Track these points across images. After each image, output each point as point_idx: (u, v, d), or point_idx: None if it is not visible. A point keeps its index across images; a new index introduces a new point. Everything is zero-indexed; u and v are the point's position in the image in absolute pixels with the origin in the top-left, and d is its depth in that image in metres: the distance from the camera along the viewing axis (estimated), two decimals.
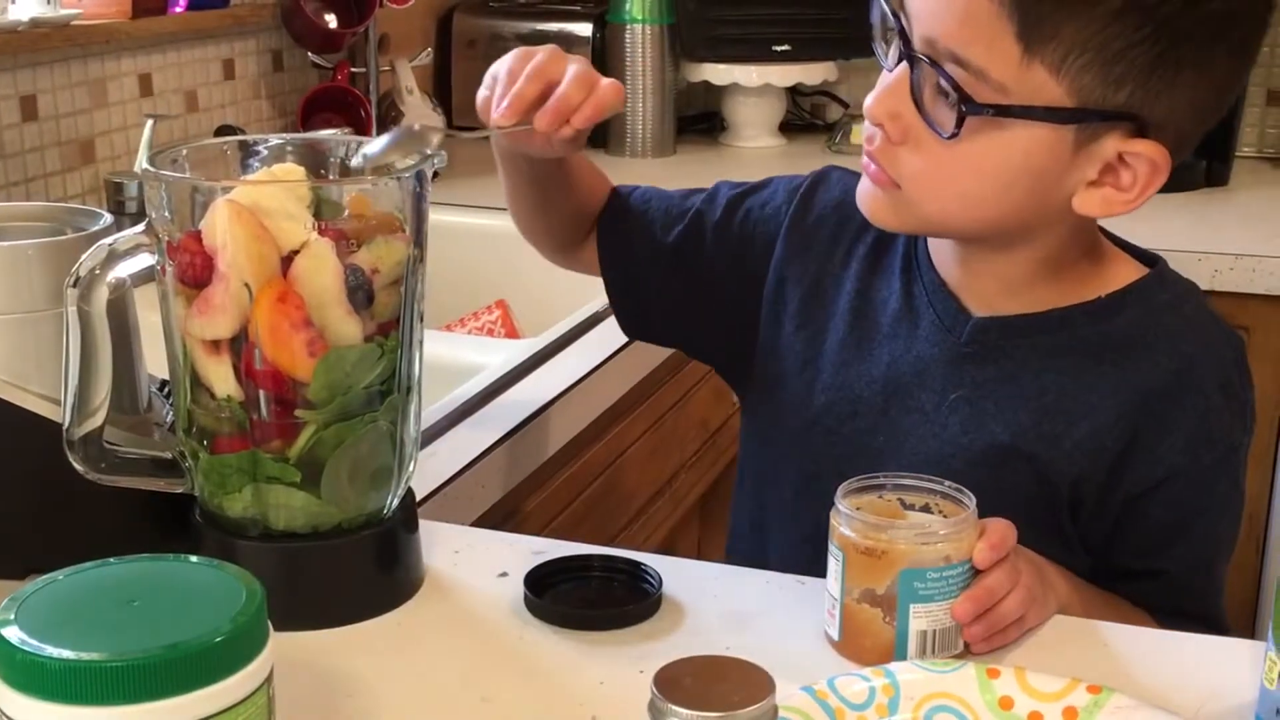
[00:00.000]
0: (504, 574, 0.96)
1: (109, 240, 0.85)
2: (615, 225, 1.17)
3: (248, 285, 0.83)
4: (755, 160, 2.59)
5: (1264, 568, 1.99)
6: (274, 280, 0.83)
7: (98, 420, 0.86)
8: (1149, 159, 0.90)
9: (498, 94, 0.99)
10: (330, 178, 0.93)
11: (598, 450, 1.50)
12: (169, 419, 0.95)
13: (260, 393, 0.86)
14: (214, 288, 0.84)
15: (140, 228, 0.86)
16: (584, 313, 1.62)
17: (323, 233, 0.84)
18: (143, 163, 0.86)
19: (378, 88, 2.24)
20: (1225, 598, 1.06)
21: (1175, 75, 0.87)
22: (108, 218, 0.95)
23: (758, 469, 1.15)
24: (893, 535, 0.83)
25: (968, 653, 0.86)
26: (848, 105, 2.73)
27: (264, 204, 0.83)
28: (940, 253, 1.04)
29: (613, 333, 1.56)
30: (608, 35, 2.50)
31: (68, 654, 0.60)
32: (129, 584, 0.66)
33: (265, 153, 0.93)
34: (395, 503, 0.92)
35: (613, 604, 0.93)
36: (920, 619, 0.84)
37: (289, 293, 0.83)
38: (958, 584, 0.84)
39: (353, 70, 2.22)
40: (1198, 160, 2.24)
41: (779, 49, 2.56)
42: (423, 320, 0.91)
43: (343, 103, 2.18)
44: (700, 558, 1.04)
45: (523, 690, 0.83)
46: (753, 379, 1.14)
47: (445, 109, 2.44)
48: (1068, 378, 0.99)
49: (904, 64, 0.92)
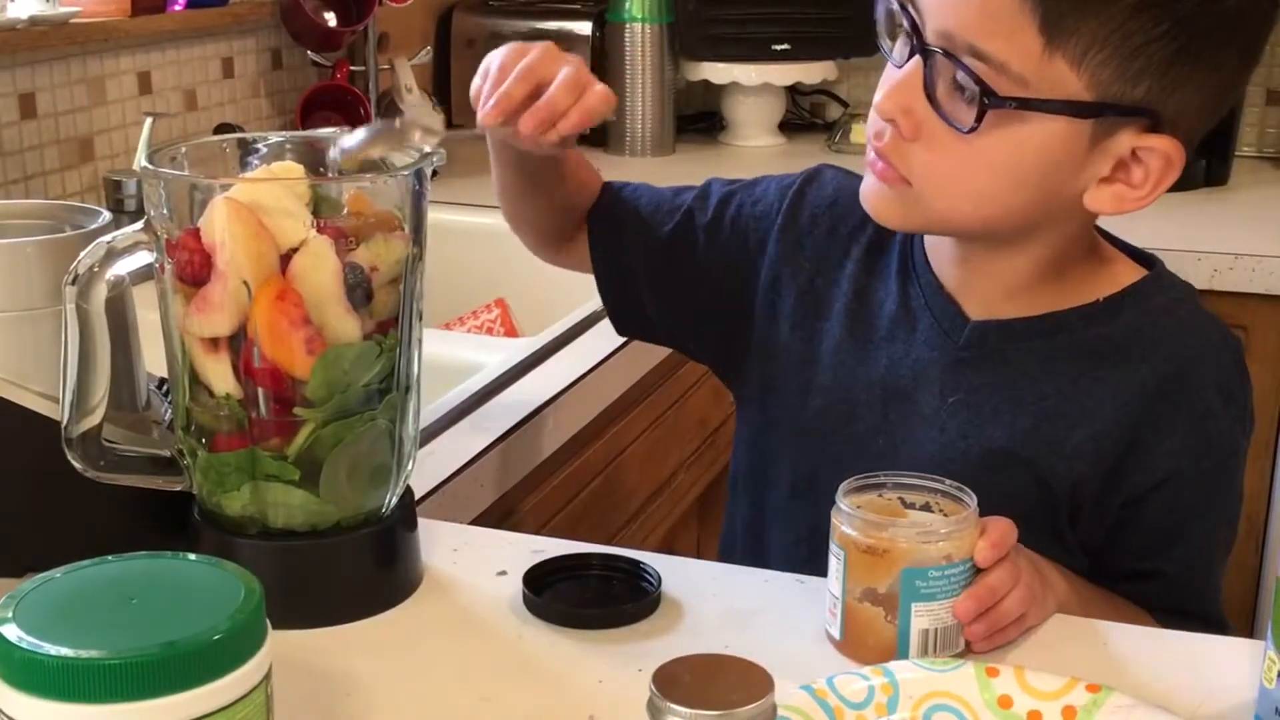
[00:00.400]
0: (503, 572, 0.96)
1: (108, 238, 0.85)
2: (606, 221, 1.16)
3: (246, 283, 0.83)
4: (755, 159, 2.58)
5: (1263, 567, 1.99)
6: (273, 278, 0.83)
7: (96, 418, 0.86)
8: (1163, 154, 0.90)
9: (485, 90, 0.97)
10: (329, 176, 0.93)
11: (596, 449, 1.50)
12: (167, 417, 0.95)
13: (259, 391, 0.85)
14: (213, 285, 0.84)
15: (139, 225, 0.86)
16: (583, 312, 1.61)
17: (322, 231, 0.84)
18: (142, 160, 0.86)
19: (377, 86, 2.24)
20: (1224, 596, 1.06)
21: (1190, 71, 0.88)
22: (106, 215, 0.95)
23: (753, 469, 1.14)
24: (894, 534, 0.83)
25: (969, 651, 0.86)
26: (847, 104, 2.73)
27: (263, 202, 0.83)
28: (938, 254, 1.04)
29: (611, 332, 1.56)
30: (607, 34, 2.50)
31: (66, 652, 0.60)
32: (127, 582, 0.66)
33: (264, 151, 0.93)
34: (394, 501, 0.92)
35: (612, 603, 0.92)
36: (922, 618, 0.83)
37: (288, 290, 0.83)
38: (959, 583, 0.84)
39: (352, 69, 2.22)
40: (1197, 159, 2.24)
41: (778, 48, 2.56)
42: (421, 319, 0.91)
43: (342, 101, 2.17)
44: (699, 557, 1.04)
45: (521, 689, 0.83)
46: (748, 379, 1.13)
47: (445, 108, 2.43)
48: (1066, 381, 0.99)
49: (915, 59, 0.91)
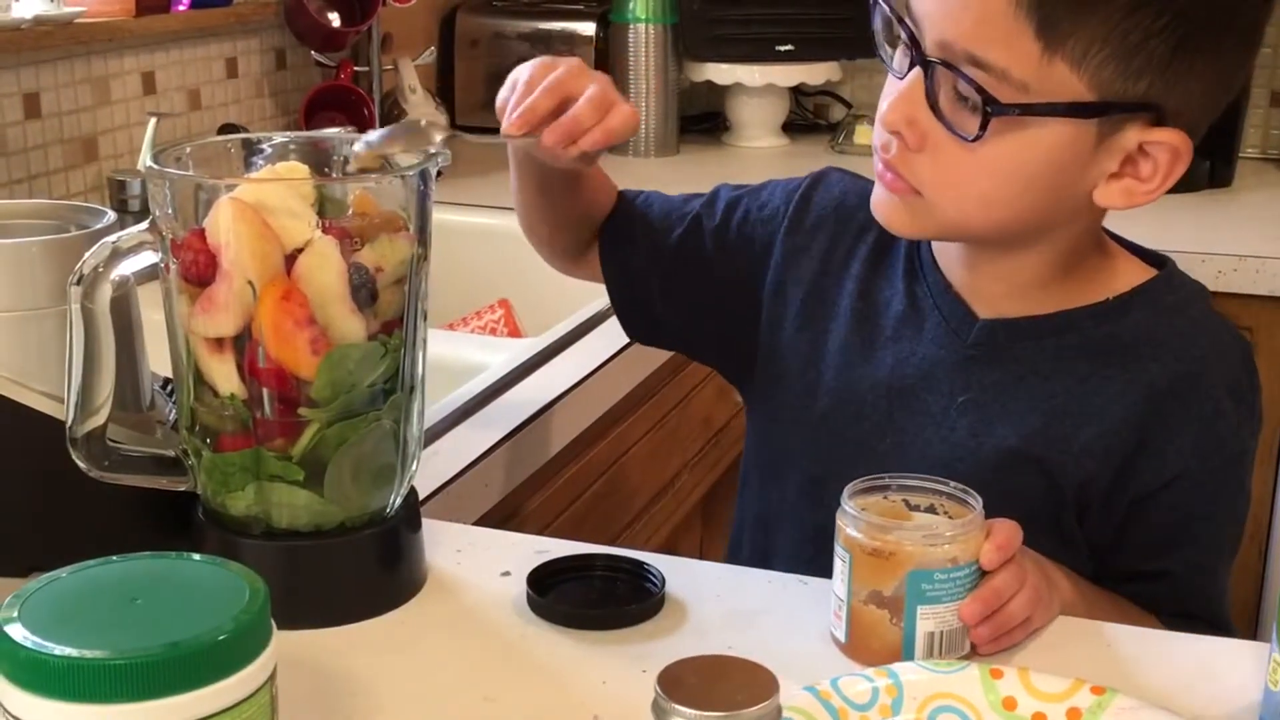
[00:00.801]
0: (507, 573, 0.96)
1: (112, 238, 0.85)
2: (618, 229, 1.17)
3: (251, 283, 0.83)
4: (758, 160, 2.58)
5: (1267, 570, 1.98)
6: (278, 278, 0.83)
7: (101, 418, 0.86)
8: (1170, 146, 0.91)
9: (512, 102, 0.98)
10: (334, 176, 0.93)
11: (600, 449, 1.50)
12: (172, 417, 0.95)
13: (263, 391, 0.85)
14: (217, 286, 0.84)
15: (144, 225, 0.86)
16: (587, 312, 1.62)
17: (327, 231, 0.84)
18: (146, 160, 0.86)
19: (381, 86, 2.24)
20: (1230, 599, 1.05)
21: (1191, 63, 0.88)
22: (111, 215, 0.95)
23: (761, 468, 1.15)
24: (900, 536, 0.83)
25: (974, 654, 0.86)
26: (851, 105, 2.73)
27: (268, 202, 0.83)
28: (945, 254, 1.04)
29: (616, 332, 1.56)
30: (611, 34, 2.50)
31: (71, 652, 0.60)
32: (132, 582, 0.66)
33: (269, 151, 0.93)
34: (398, 501, 0.92)
35: (615, 603, 0.92)
36: (927, 620, 0.83)
37: (293, 291, 0.83)
38: (965, 585, 0.84)
39: (356, 69, 2.22)
40: (1201, 161, 2.24)
41: (782, 49, 2.56)
42: (426, 319, 0.91)
43: (346, 101, 2.18)
44: (703, 557, 1.04)
45: (525, 690, 0.83)
46: (755, 380, 1.14)
47: (448, 108, 2.43)
48: (1075, 380, 0.99)
49: (916, 70, 0.91)
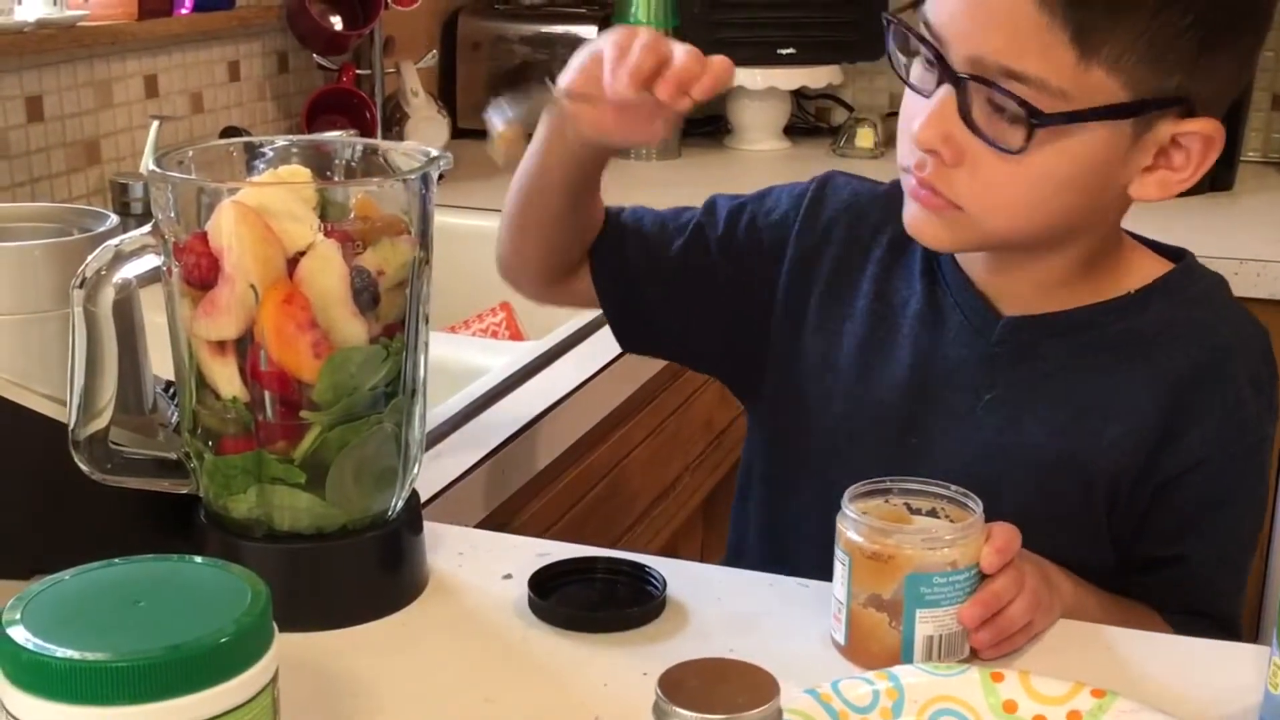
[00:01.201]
0: (508, 576, 0.96)
1: (115, 241, 0.85)
2: (610, 244, 1.15)
3: (253, 286, 0.83)
4: (760, 163, 2.58)
5: (1268, 572, 1.98)
6: (280, 281, 0.83)
7: (103, 421, 0.87)
8: (1202, 135, 0.92)
9: (610, 67, 0.95)
10: (336, 180, 0.93)
11: (602, 452, 1.50)
12: (174, 420, 0.95)
13: (265, 394, 0.86)
14: (220, 289, 0.84)
15: (146, 229, 0.86)
16: (588, 315, 1.61)
17: (329, 234, 0.84)
18: (149, 164, 0.86)
19: (383, 90, 2.24)
20: (1244, 599, 1.06)
21: (1216, 54, 0.90)
22: (113, 219, 0.95)
23: (770, 476, 1.14)
24: (899, 540, 0.83)
25: (975, 658, 0.86)
26: (852, 109, 2.73)
27: (270, 205, 0.83)
28: (967, 254, 1.04)
29: None
30: None
31: (73, 654, 0.60)
32: (134, 584, 0.66)
33: (271, 154, 0.93)
34: (400, 504, 0.92)
35: (617, 606, 0.93)
36: (926, 624, 0.83)
37: (295, 294, 0.83)
38: (964, 589, 0.84)
39: (358, 72, 2.22)
40: None
41: (784, 52, 2.56)
42: (428, 322, 0.91)
43: (348, 105, 2.18)
44: (704, 560, 1.04)
45: (526, 692, 0.83)
46: (764, 388, 1.13)
47: (450, 111, 2.44)
48: (1101, 374, 1.00)
49: (945, 86, 0.91)
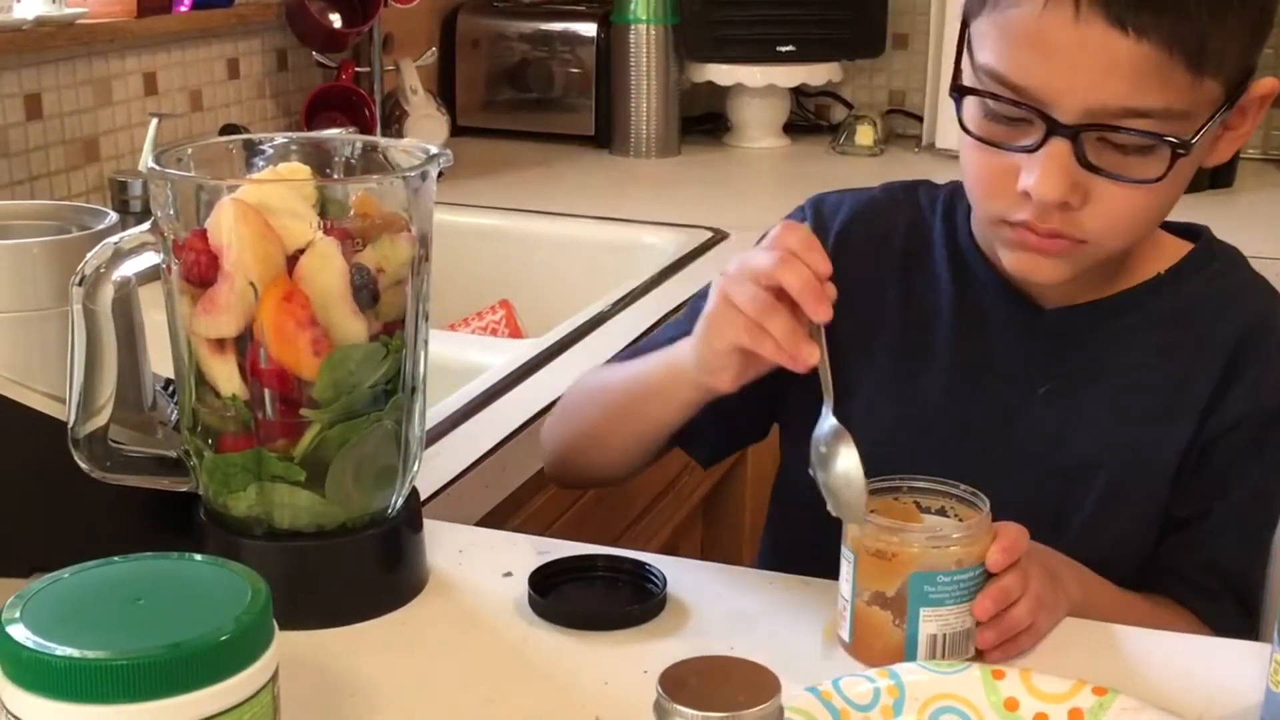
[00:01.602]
0: (508, 574, 0.96)
1: (114, 239, 0.85)
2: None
3: (253, 284, 0.83)
4: (759, 161, 2.58)
5: (1270, 569, 1.98)
6: (279, 279, 0.83)
7: (103, 419, 0.87)
8: (1259, 96, 0.96)
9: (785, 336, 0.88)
10: (335, 177, 0.93)
11: None
12: (174, 418, 0.95)
13: (265, 392, 0.86)
14: (219, 286, 0.84)
15: (145, 226, 0.86)
16: (588, 313, 1.62)
17: (328, 232, 0.84)
18: (148, 161, 0.86)
19: (382, 87, 2.24)
20: (1270, 587, 1.06)
21: (1266, 32, 0.95)
22: (113, 216, 0.95)
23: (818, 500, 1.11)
24: (904, 538, 0.83)
25: (978, 658, 0.85)
26: (852, 106, 2.72)
27: (269, 203, 0.83)
28: (993, 248, 1.03)
29: (617, 332, 1.56)
30: (612, 35, 2.50)
31: (73, 652, 0.60)
32: (134, 583, 0.66)
33: (270, 152, 0.93)
34: (400, 502, 0.92)
35: (617, 604, 0.93)
36: (930, 623, 0.83)
37: (294, 291, 0.83)
38: (969, 588, 0.84)
39: (357, 70, 2.22)
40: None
41: (783, 49, 2.56)
42: (428, 320, 0.91)
43: (347, 102, 2.18)
44: (704, 558, 1.04)
45: (526, 690, 0.83)
46: (798, 405, 1.10)
47: (450, 109, 2.44)
48: (1153, 353, 1.02)
49: (1055, 140, 0.90)
